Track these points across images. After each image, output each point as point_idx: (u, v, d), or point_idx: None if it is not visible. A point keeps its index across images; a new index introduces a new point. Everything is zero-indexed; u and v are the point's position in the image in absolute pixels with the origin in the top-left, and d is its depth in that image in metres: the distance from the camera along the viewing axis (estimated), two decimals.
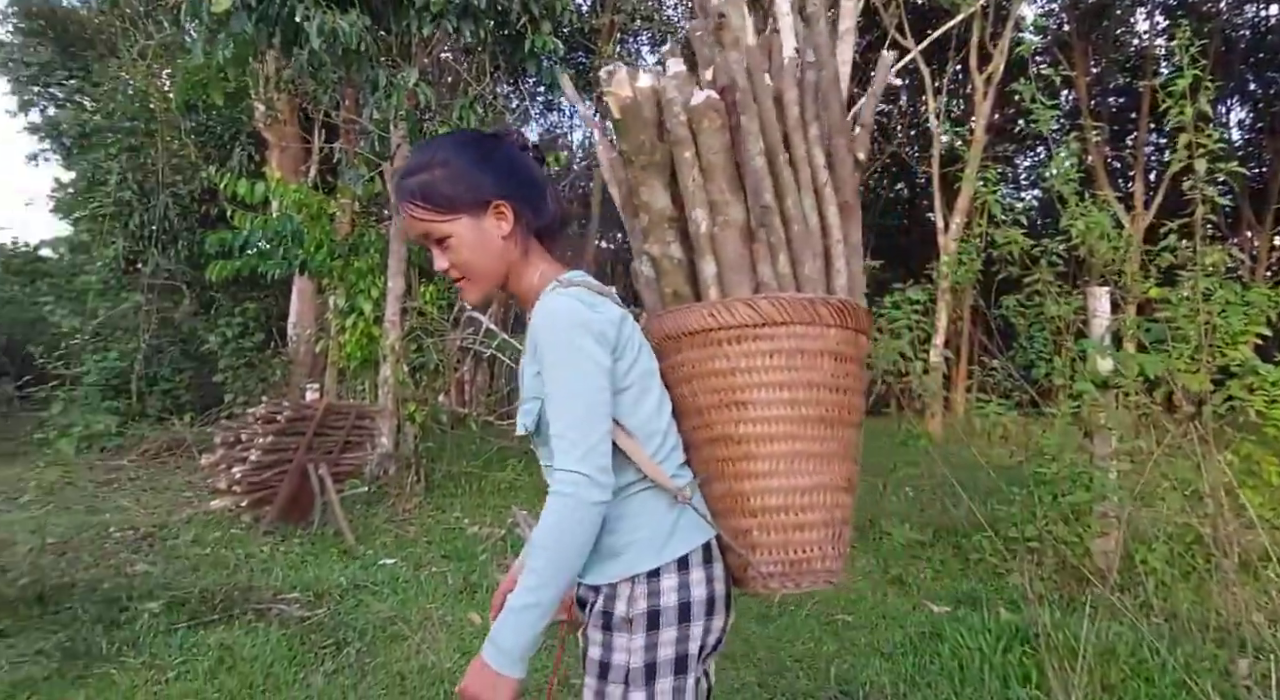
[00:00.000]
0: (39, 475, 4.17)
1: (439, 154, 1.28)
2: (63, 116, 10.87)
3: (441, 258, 1.30)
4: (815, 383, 1.33)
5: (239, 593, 3.80)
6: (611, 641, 1.26)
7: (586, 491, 1.15)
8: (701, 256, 1.42)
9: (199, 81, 6.60)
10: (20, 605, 3.42)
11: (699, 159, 1.44)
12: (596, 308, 1.22)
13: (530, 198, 1.31)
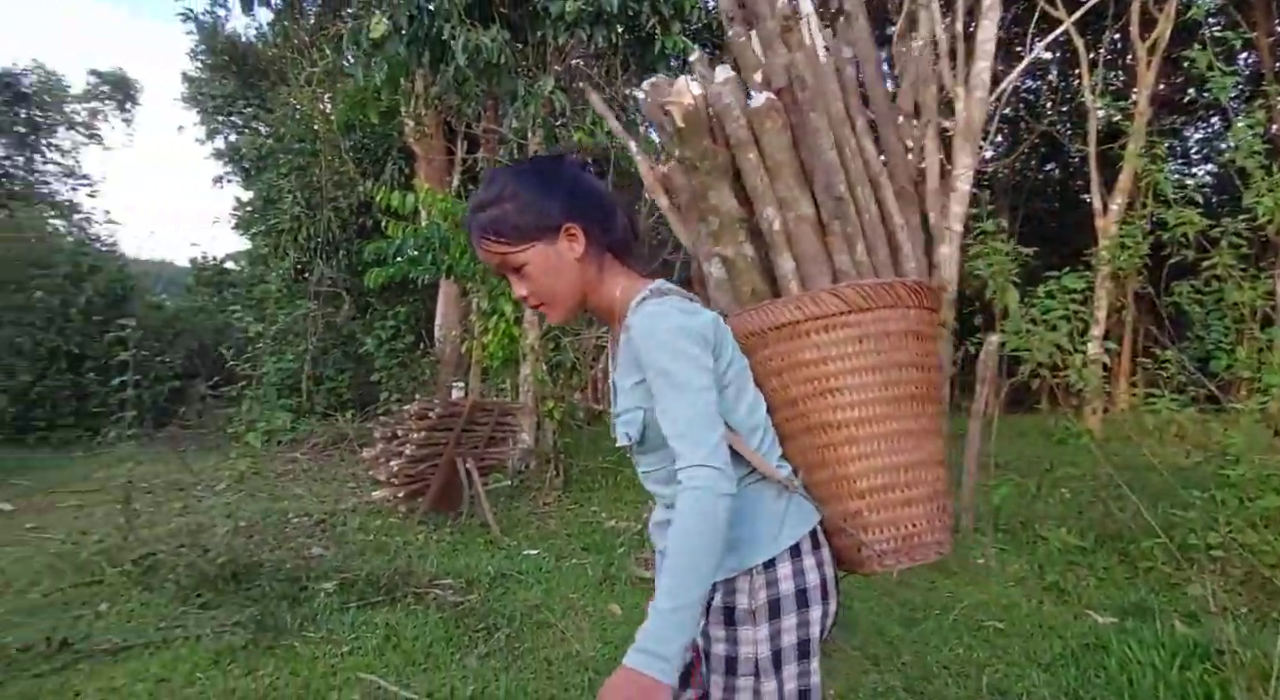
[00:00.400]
0: (232, 466, 4.66)
1: (506, 186, 1.29)
2: (242, 142, 12.10)
3: (520, 285, 1.32)
4: (903, 363, 1.38)
5: (400, 577, 4.09)
6: (737, 635, 1.29)
7: (718, 484, 1.15)
8: (778, 253, 1.46)
9: (357, 103, 7.16)
10: (219, 581, 3.83)
11: (763, 159, 1.48)
12: (693, 313, 1.25)
13: (598, 216, 1.32)
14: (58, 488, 6.26)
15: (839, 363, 1.35)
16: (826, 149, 1.46)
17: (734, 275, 1.48)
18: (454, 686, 2.91)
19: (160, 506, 5.43)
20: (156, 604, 3.63)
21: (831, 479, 1.37)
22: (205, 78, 12.83)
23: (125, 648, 3.17)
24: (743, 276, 1.47)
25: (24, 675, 2.92)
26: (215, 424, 8.67)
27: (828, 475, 1.37)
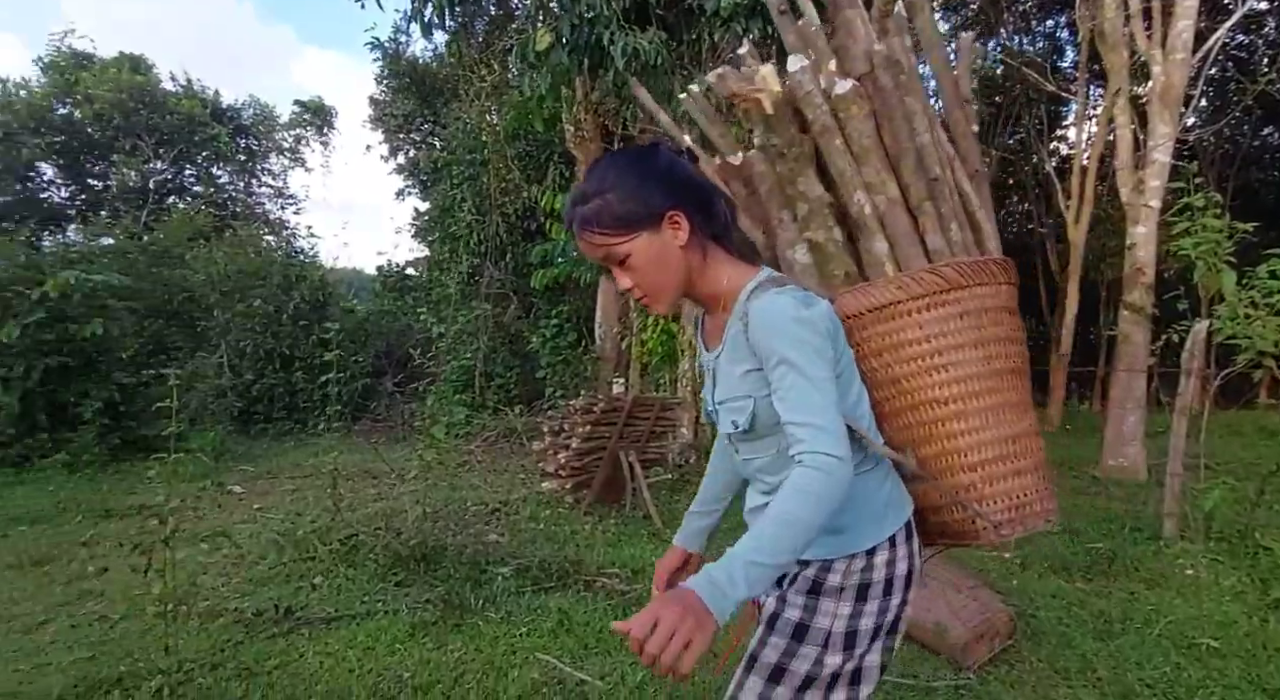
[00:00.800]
0: (419, 456, 5.07)
1: (606, 177, 1.28)
2: (419, 156, 13.10)
3: (624, 277, 1.31)
4: (1001, 337, 1.41)
5: (569, 565, 4.28)
6: (817, 605, 1.31)
7: (842, 473, 1.15)
8: (870, 236, 1.47)
9: (523, 113, 7.55)
10: (410, 561, 4.18)
11: (849, 145, 1.48)
12: (812, 303, 1.25)
13: (700, 202, 1.31)
14: (276, 473, 7.06)
15: (942, 339, 1.38)
16: (921, 131, 1.47)
17: (823, 260, 1.50)
18: (624, 672, 3.01)
19: (359, 492, 6.00)
20: (360, 579, 4.02)
21: (940, 453, 1.40)
22: (388, 100, 13.99)
23: (336, 617, 3.54)
24: (834, 261, 1.49)
25: (259, 637, 3.34)
26: (401, 418, 9.45)
27: (936, 450, 1.40)
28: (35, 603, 3.79)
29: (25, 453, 6.91)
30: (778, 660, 1.31)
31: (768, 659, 1.32)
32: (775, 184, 1.54)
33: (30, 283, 6.94)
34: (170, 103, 17.93)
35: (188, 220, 14.01)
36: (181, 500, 3.42)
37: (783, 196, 1.54)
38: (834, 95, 1.47)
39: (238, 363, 9.81)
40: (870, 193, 1.47)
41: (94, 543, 4.74)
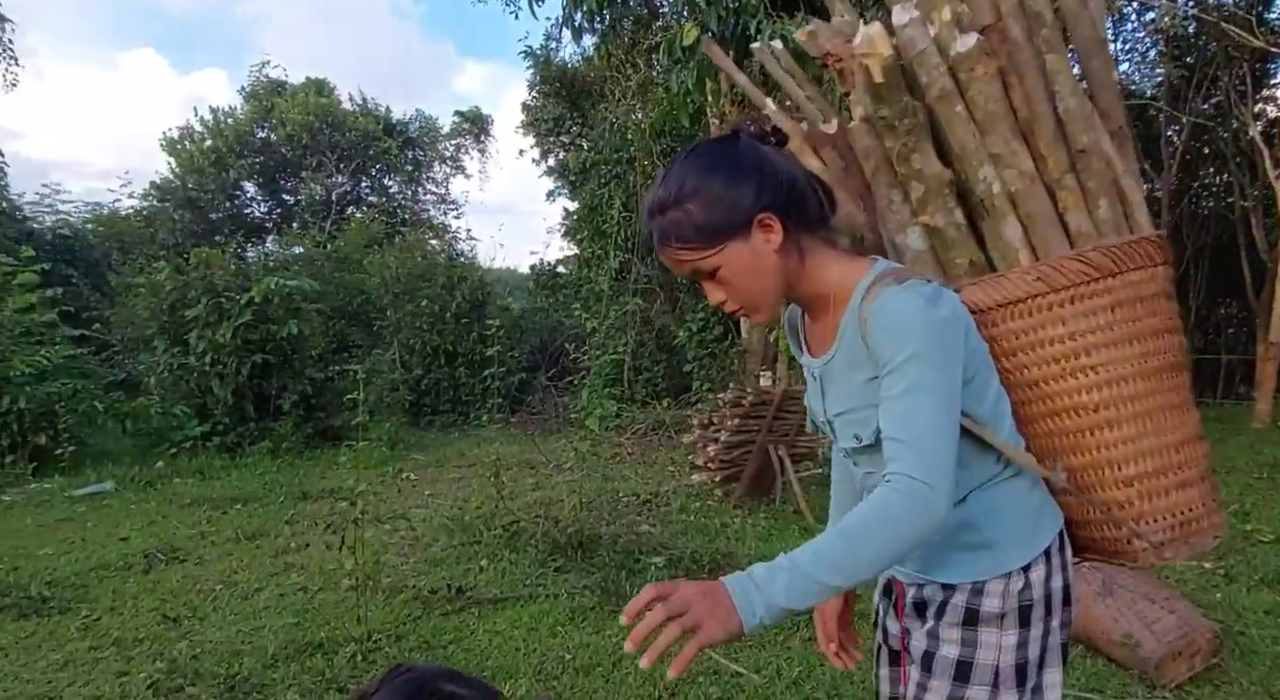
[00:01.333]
0: (575, 447, 5.28)
1: (686, 182, 1.12)
2: (568, 158, 13.59)
3: (715, 291, 1.17)
4: (1158, 329, 1.22)
5: (721, 557, 4.31)
6: (978, 638, 1.16)
7: (928, 504, 0.99)
8: (1001, 218, 1.25)
9: (668, 109, 7.64)
10: (568, 549, 4.37)
11: (971, 112, 1.24)
12: (939, 299, 1.08)
13: (791, 197, 1.14)
14: (443, 462, 7.58)
15: (1090, 337, 1.19)
16: (1068, 94, 1.24)
17: (944, 247, 1.29)
18: (780, 666, 3.01)
19: (518, 481, 6.32)
20: (521, 564, 4.24)
21: (1089, 465, 1.21)
22: (539, 105, 14.60)
23: (502, 599, 3.76)
24: (956, 248, 1.29)
25: (435, 613, 3.61)
26: (554, 411, 9.84)
27: (1083, 461, 1.22)
28: (250, 572, 4.29)
29: (237, 440, 7.82)
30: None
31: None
32: (883, 161, 1.32)
33: (239, 289, 7.83)
34: (349, 121, 19.61)
35: (364, 228, 15.29)
36: (367, 485, 3.75)
37: (892, 175, 1.32)
38: (954, 53, 1.24)
39: (408, 359, 10.59)
40: (998, 167, 1.26)
41: (294, 521, 5.29)
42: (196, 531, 5.13)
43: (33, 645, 3.39)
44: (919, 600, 1.25)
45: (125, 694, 2.92)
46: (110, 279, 12.05)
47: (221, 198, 19.09)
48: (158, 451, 7.47)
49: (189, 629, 3.52)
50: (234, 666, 3.10)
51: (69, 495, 6.18)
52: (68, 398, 7.26)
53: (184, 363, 7.80)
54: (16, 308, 7.85)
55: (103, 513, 5.70)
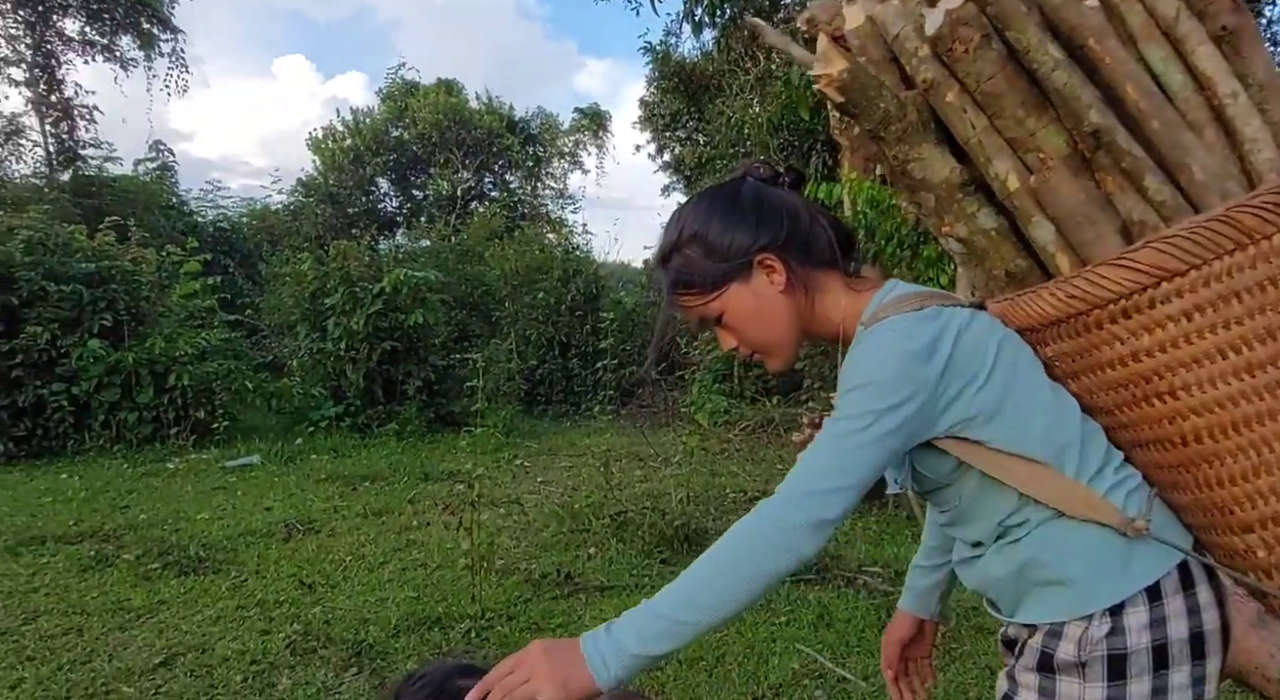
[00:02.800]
0: (684, 441, 5.31)
1: (685, 228, 1.12)
2: (684, 153, 13.62)
3: (727, 337, 1.15)
4: (1273, 328, 0.90)
5: (829, 559, 4.23)
6: (1055, 689, 1.02)
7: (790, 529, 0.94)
8: (1026, 220, 1.04)
9: (787, 103, 7.52)
10: (674, 541, 4.40)
11: (970, 95, 1.03)
12: (915, 331, 0.99)
13: (794, 235, 1.10)
14: (555, 451, 7.79)
15: (1160, 356, 0.94)
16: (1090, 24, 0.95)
17: (978, 257, 1.12)
18: None
19: (627, 472, 6.41)
20: (628, 554, 4.32)
21: (1197, 506, 1.00)
22: (656, 101, 14.70)
23: (609, 587, 3.84)
24: (989, 256, 1.11)
25: (545, 597, 3.73)
26: (664, 405, 9.91)
27: (1190, 500, 1.00)
28: (376, 546, 4.57)
29: (367, 421, 8.33)
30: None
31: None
32: (890, 171, 1.17)
33: (371, 279, 8.33)
34: (475, 119, 20.41)
35: (486, 222, 15.90)
36: (483, 469, 3.92)
37: (904, 184, 1.17)
38: (928, 35, 1.03)
39: (524, 349, 10.94)
40: (1018, 154, 1.04)
41: (417, 500, 5.60)
42: (330, 505, 5.51)
43: (190, 600, 3.75)
44: (1006, 637, 1.16)
45: (267, 651, 3.19)
46: (261, 269, 13.08)
47: (358, 193, 20.31)
48: (298, 429, 8.06)
49: (322, 595, 3.79)
50: (361, 633, 3.32)
51: (222, 466, 6.77)
52: (223, 377, 7.95)
53: (322, 347, 8.37)
54: (183, 294, 8.67)
55: (250, 483, 6.22)
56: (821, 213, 1.17)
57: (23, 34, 14.61)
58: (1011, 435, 1.02)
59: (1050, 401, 1.04)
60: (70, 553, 4.42)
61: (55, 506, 5.48)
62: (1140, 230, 0.98)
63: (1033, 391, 1.04)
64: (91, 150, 14.87)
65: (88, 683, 2.94)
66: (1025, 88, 1.01)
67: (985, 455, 1.03)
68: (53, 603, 3.70)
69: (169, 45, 15.86)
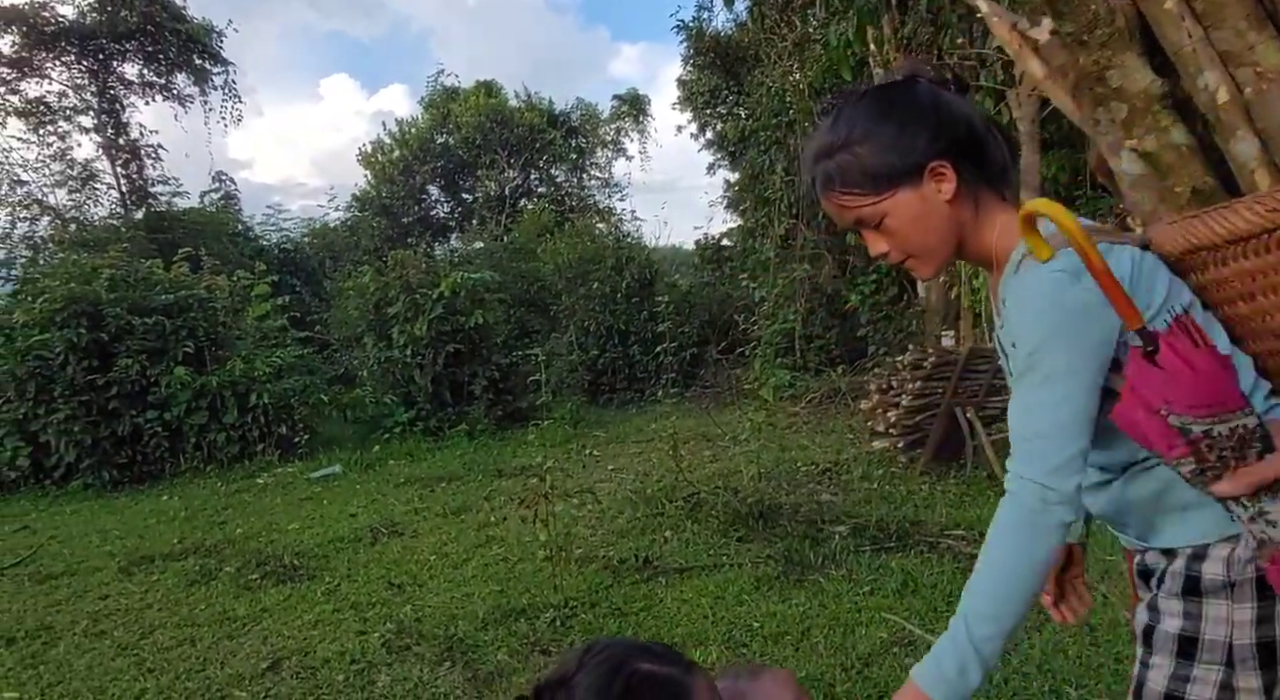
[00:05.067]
0: (750, 418, 5.28)
1: (856, 126, 1.07)
2: (726, 129, 13.46)
3: (880, 242, 1.11)
4: None
5: (909, 525, 4.15)
6: (1203, 610, 1.01)
7: (1050, 510, 0.97)
8: (1229, 134, 0.99)
9: (828, 65, 7.34)
10: (749, 519, 4.39)
11: (1189, 4, 0.99)
12: (1081, 279, 0.95)
13: (970, 147, 1.07)
14: (623, 438, 7.85)
15: None
16: None
17: (1162, 172, 1.10)
18: None
19: (696, 454, 6.42)
20: (704, 534, 4.33)
21: None
22: (694, 78, 14.56)
23: (688, 568, 3.86)
24: (1175, 173, 1.09)
25: (625, 582, 3.77)
26: (727, 384, 9.87)
27: None
28: (458, 544, 4.69)
29: (438, 424, 8.55)
30: (1168, 688, 1.04)
31: (1155, 686, 1.05)
32: (1082, 77, 1.15)
33: (430, 285, 8.51)
34: (516, 117, 20.57)
35: (535, 219, 16.05)
36: (553, 461, 3.98)
37: (1092, 95, 1.15)
38: None
39: (584, 340, 11.03)
40: (1230, 67, 1.02)
41: (492, 497, 5.72)
42: (410, 508, 5.68)
43: (290, 606, 3.92)
44: (1143, 568, 1.14)
45: (365, 650, 3.31)
46: (325, 285, 13.51)
47: (410, 203, 20.75)
48: (374, 437, 8.33)
49: (411, 595, 3.92)
50: (451, 628, 3.42)
51: (307, 478, 7.05)
52: (300, 392, 8.26)
53: (389, 355, 8.62)
54: (255, 316, 9.03)
55: (335, 492, 6.46)
56: (995, 125, 1.13)
57: (87, 82, 15.36)
58: None
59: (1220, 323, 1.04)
60: (177, 569, 4.67)
61: (160, 527, 5.80)
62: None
63: None
64: (160, 187, 15.66)
65: (203, 690, 3.11)
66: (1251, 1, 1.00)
67: None
68: (165, 617, 3.92)
69: (221, 78, 16.47)
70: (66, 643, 3.68)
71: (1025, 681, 2.57)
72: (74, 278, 7.69)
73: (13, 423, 7.30)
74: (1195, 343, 0.87)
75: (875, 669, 2.75)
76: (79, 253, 9.52)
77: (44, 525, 6.18)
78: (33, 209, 15.09)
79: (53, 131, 15.20)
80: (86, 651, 3.56)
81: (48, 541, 5.61)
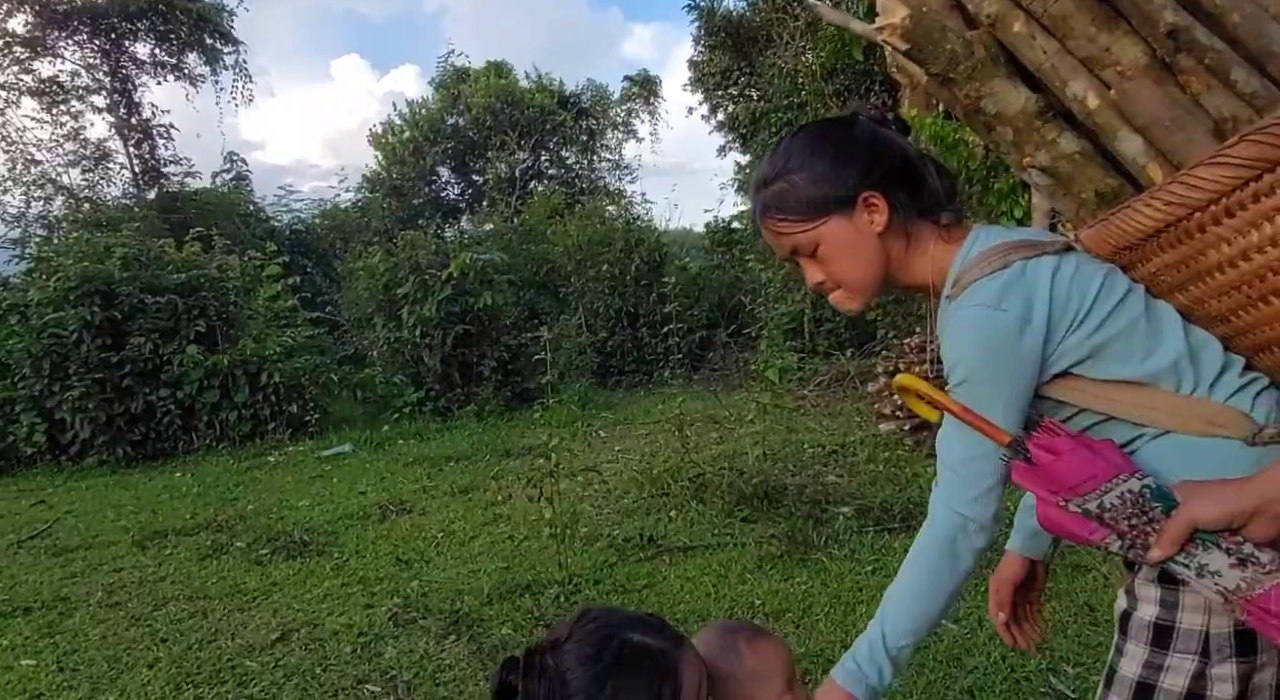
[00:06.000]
0: (756, 399, 5.29)
1: (793, 157, 1.13)
2: (737, 111, 13.36)
3: (814, 271, 1.16)
4: None
5: (914, 506, 4.16)
6: (1178, 600, 1.00)
7: (968, 536, 1.06)
8: (1112, 137, 1.01)
9: (839, 45, 7.26)
10: (753, 499, 4.41)
11: (1037, 21, 1.03)
12: (1004, 300, 1.00)
13: (903, 179, 1.11)
14: (630, 419, 7.88)
15: (1274, 251, 0.88)
16: None
17: (1064, 183, 1.12)
18: (981, 617, 2.88)
19: (702, 435, 6.44)
20: (708, 514, 4.35)
21: None
22: (705, 59, 14.43)
23: (691, 547, 3.89)
24: (1075, 180, 1.11)
25: (629, 560, 3.81)
26: (735, 366, 9.86)
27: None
28: (465, 522, 4.74)
29: (447, 405, 8.60)
30: (1140, 676, 1.04)
31: (1127, 674, 1.05)
32: (964, 110, 1.16)
33: (440, 266, 8.53)
34: (526, 99, 20.47)
35: (545, 201, 16.02)
36: (560, 440, 4.01)
37: (979, 121, 1.16)
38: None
39: (593, 322, 11.04)
40: (1094, 70, 1.03)
41: (500, 476, 5.77)
42: (419, 487, 5.73)
43: (299, 581, 3.98)
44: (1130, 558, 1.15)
45: (372, 623, 3.37)
46: (336, 266, 13.56)
47: (421, 184, 20.73)
48: (383, 417, 8.40)
49: (418, 571, 3.97)
50: (457, 603, 3.47)
51: (317, 456, 7.13)
52: (310, 372, 8.32)
53: (399, 336, 8.66)
54: (267, 296, 9.09)
55: (344, 471, 6.53)
56: (931, 160, 1.17)
57: (99, 62, 15.39)
58: (1114, 365, 1.02)
59: (1147, 323, 1.03)
60: (189, 544, 4.75)
61: (173, 503, 5.88)
62: (1233, 126, 0.95)
63: (1131, 318, 1.03)
64: (172, 167, 15.70)
65: (215, 660, 3.17)
66: (1092, 4, 1.02)
67: (1091, 389, 1.04)
68: (178, 590, 3.99)
69: (232, 58, 16.44)
70: (82, 613, 3.76)
71: (1024, 659, 2.59)
72: (87, 257, 7.74)
73: (29, 399, 7.39)
74: (1054, 432, 0.96)
75: None
76: (92, 232, 9.58)
77: (60, 500, 6.28)
78: (47, 189, 15.16)
79: (66, 111, 15.22)
80: (101, 622, 3.64)
81: (64, 515, 5.70)
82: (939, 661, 2.64)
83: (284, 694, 2.86)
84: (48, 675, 3.16)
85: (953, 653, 2.69)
